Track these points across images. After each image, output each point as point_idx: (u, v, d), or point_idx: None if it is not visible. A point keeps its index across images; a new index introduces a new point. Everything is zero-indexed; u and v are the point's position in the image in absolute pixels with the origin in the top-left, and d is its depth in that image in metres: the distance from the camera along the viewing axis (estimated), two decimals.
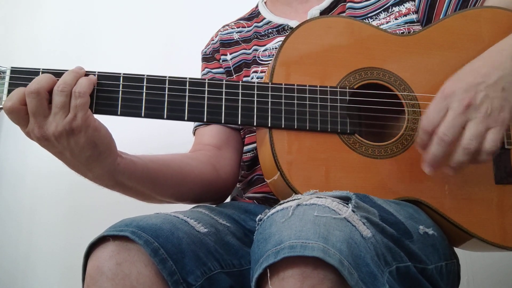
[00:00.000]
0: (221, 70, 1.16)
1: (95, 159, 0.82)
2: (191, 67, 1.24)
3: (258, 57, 1.11)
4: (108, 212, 1.29)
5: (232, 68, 1.14)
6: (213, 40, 1.20)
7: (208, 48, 1.20)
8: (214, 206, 1.02)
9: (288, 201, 0.70)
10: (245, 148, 1.10)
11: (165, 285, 0.75)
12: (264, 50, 1.11)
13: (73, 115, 0.78)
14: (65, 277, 1.70)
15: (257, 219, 0.72)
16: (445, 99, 0.80)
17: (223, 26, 1.22)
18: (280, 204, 0.70)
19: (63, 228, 1.76)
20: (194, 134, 1.15)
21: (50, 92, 0.79)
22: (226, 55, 1.16)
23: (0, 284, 1.78)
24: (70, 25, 1.93)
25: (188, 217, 0.85)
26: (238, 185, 1.14)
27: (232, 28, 1.20)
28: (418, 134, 0.83)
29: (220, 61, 1.16)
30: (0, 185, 1.88)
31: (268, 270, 0.61)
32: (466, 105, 0.78)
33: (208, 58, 1.19)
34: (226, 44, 1.17)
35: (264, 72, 1.06)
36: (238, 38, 1.17)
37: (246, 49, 1.14)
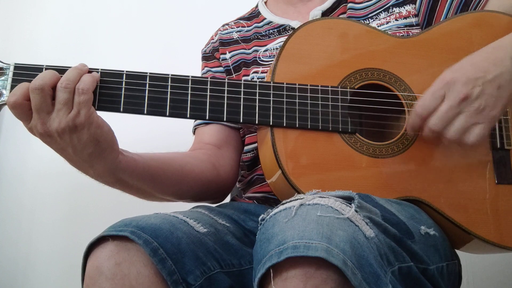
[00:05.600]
0: (220, 69, 1.16)
1: (97, 156, 0.82)
2: (191, 67, 1.24)
3: (259, 58, 1.10)
4: (108, 212, 1.29)
5: (231, 67, 1.14)
6: (213, 39, 1.20)
7: (208, 47, 1.20)
8: (213, 206, 1.02)
9: (290, 201, 0.70)
10: (246, 148, 1.10)
11: (165, 285, 0.75)
12: (265, 51, 1.11)
13: (76, 112, 0.78)
14: (65, 277, 1.70)
15: (259, 219, 0.72)
16: (443, 87, 0.83)
17: (223, 25, 1.22)
18: (283, 203, 0.70)
19: (63, 228, 1.76)
20: (194, 133, 1.15)
21: (53, 88, 0.79)
22: (225, 54, 1.16)
23: (0, 284, 1.78)
24: (70, 26, 1.93)
25: (187, 217, 0.84)
26: (237, 185, 1.14)
27: (231, 28, 1.20)
28: (410, 116, 0.87)
29: (220, 60, 1.16)
30: (0, 185, 1.88)
31: (271, 270, 0.61)
32: (462, 98, 0.81)
33: (208, 57, 1.19)
34: (226, 43, 1.17)
35: (265, 72, 1.06)
36: (238, 37, 1.17)
37: (245, 48, 1.14)
